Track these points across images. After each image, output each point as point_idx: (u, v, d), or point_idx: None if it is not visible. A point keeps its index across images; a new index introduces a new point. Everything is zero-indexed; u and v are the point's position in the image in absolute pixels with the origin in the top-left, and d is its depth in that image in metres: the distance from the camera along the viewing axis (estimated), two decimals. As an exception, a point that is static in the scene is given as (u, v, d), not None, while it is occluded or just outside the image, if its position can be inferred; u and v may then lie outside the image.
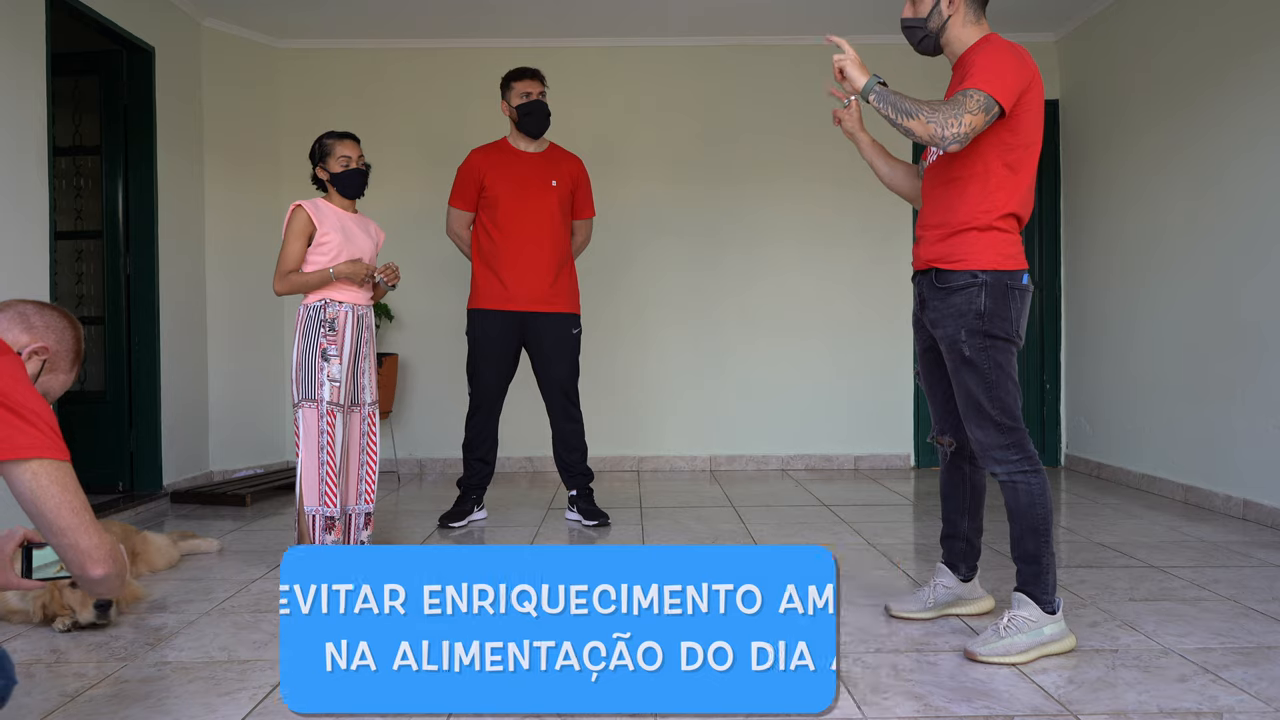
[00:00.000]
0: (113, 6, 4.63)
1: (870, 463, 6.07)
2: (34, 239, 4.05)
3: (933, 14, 2.54)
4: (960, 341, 2.48)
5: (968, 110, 2.34)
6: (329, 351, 3.43)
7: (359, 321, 3.54)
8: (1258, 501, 4.20)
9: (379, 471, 3.67)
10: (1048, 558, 2.50)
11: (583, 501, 4.33)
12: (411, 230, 6.05)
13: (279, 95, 6.01)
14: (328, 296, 3.47)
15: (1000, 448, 2.49)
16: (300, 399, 3.43)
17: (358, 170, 3.56)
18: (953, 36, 2.55)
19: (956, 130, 2.33)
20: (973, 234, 2.48)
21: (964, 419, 2.55)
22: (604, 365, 5.81)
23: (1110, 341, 5.46)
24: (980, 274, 2.46)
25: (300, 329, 3.47)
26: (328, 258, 3.47)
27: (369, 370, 3.61)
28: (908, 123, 2.36)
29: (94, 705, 2.21)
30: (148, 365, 5.01)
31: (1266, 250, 4.15)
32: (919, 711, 2.12)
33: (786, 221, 6.05)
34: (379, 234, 3.72)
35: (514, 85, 4.20)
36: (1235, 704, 2.15)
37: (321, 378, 3.42)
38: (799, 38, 6.00)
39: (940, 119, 2.34)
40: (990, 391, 2.48)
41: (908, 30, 2.59)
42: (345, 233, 3.51)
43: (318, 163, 3.58)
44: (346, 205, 3.60)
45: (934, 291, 2.55)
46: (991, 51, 2.44)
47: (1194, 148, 4.66)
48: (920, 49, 2.62)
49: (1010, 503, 2.51)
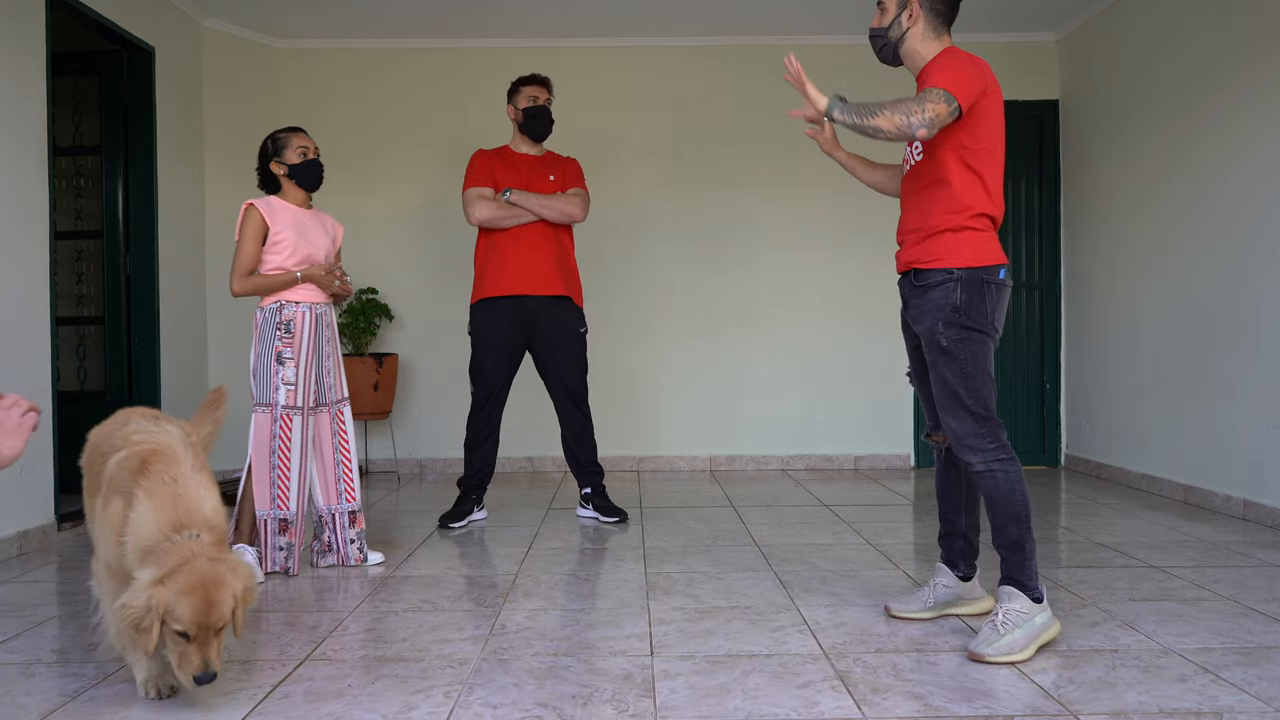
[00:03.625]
0: (113, 6, 4.64)
1: (870, 463, 6.07)
2: (34, 239, 4.05)
3: (893, 25, 2.67)
4: (938, 333, 2.57)
5: (929, 100, 2.43)
6: (284, 355, 3.40)
7: (318, 320, 3.51)
8: (1258, 501, 4.20)
9: (357, 467, 3.62)
10: (1030, 544, 2.55)
11: (598, 499, 4.39)
12: (411, 230, 6.06)
13: (279, 95, 6.01)
14: (283, 298, 3.44)
15: (976, 436, 2.55)
16: (256, 402, 3.40)
17: (316, 161, 3.52)
18: (912, 49, 2.66)
19: (921, 117, 2.41)
20: (947, 235, 2.58)
21: (940, 409, 2.62)
22: (604, 365, 5.81)
23: (1110, 342, 5.46)
24: (956, 271, 2.55)
25: (257, 332, 3.43)
26: (282, 256, 3.43)
27: (334, 368, 3.57)
28: (874, 121, 2.44)
29: (94, 705, 2.21)
30: (148, 365, 5.01)
31: (1267, 251, 4.15)
32: (919, 711, 2.12)
33: (786, 222, 6.05)
34: (337, 228, 3.67)
35: (521, 90, 4.31)
36: (1235, 704, 2.15)
37: (276, 381, 3.38)
38: (799, 38, 6.00)
39: (904, 109, 2.42)
40: (966, 381, 2.55)
41: (872, 39, 2.74)
42: (300, 230, 3.47)
43: (271, 157, 3.51)
44: (301, 200, 3.54)
45: (913, 290, 2.66)
46: (947, 59, 2.56)
47: (1195, 148, 4.66)
48: (881, 58, 2.75)
49: (990, 492, 2.56)
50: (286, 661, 2.49)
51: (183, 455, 2.20)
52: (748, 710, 2.12)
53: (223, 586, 2.02)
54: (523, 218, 4.21)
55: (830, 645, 2.57)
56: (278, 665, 2.46)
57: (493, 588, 3.22)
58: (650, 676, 2.34)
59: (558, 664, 2.44)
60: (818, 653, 2.51)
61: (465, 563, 3.61)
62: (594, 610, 2.94)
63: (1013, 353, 6.05)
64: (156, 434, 2.26)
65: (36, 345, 4.03)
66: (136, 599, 1.97)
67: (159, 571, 1.99)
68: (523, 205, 4.20)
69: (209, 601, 2.00)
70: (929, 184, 2.63)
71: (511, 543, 3.95)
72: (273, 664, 2.47)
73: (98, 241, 5.09)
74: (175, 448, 2.21)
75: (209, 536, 2.08)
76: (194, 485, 2.14)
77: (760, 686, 2.27)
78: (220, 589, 2.02)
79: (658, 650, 2.54)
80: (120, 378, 5.00)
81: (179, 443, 2.24)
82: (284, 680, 2.35)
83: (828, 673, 2.36)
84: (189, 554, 2.02)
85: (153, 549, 2.03)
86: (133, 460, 2.15)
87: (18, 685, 2.35)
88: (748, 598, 3.05)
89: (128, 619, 1.97)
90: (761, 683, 2.29)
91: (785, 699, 2.19)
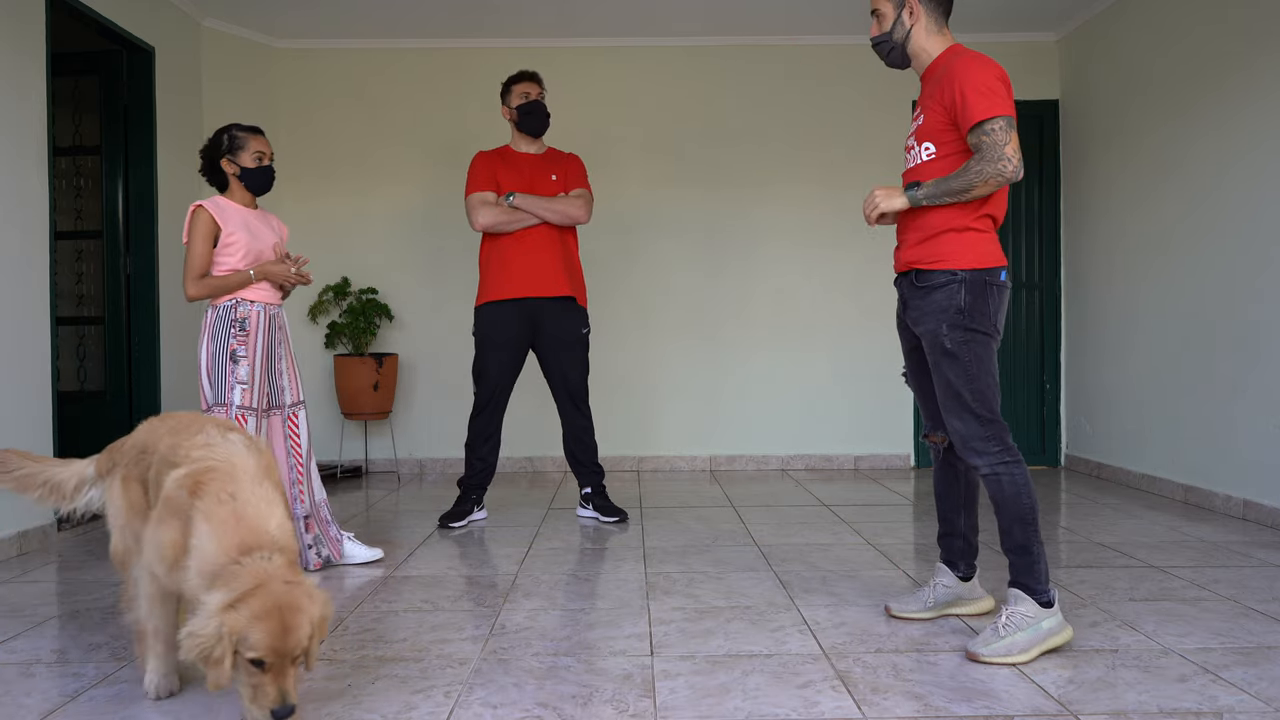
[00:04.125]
0: (113, 6, 4.64)
1: (870, 463, 6.07)
2: (34, 239, 4.05)
3: (895, 26, 2.68)
4: (942, 335, 2.56)
5: (998, 142, 2.45)
6: (238, 353, 3.35)
7: (271, 321, 3.47)
8: (1258, 501, 4.20)
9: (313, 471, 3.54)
10: (1037, 547, 2.52)
11: (599, 498, 4.40)
12: (411, 230, 6.05)
13: (278, 95, 6.01)
14: (239, 296, 3.40)
15: (980, 439, 2.54)
16: (212, 403, 3.33)
17: (270, 168, 3.48)
18: (918, 47, 2.68)
19: (1009, 164, 2.45)
20: (950, 235, 2.57)
21: (944, 411, 2.60)
22: (604, 365, 5.81)
23: (1111, 341, 5.46)
24: (960, 272, 2.55)
25: (208, 330, 3.37)
26: (236, 258, 3.39)
27: (288, 371, 3.53)
28: (970, 195, 2.50)
29: (94, 705, 2.21)
30: (148, 365, 5.01)
31: (1266, 251, 4.16)
32: (919, 711, 2.12)
33: (786, 221, 6.05)
34: (282, 228, 3.63)
35: (513, 88, 4.31)
36: (1235, 704, 2.15)
37: (231, 381, 3.33)
38: (799, 38, 6.00)
39: (992, 168, 2.45)
40: (971, 384, 2.54)
41: (876, 47, 2.76)
42: (250, 230, 3.43)
43: (224, 154, 3.45)
44: (248, 201, 3.50)
45: (914, 291, 2.64)
46: (974, 74, 2.51)
47: (1194, 148, 4.66)
48: (890, 63, 2.76)
49: (995, 495, 2.54)
50: (286, 661, 2.48)
51: (243, 469, 2.02)
52: (748, 710, 2.12)
53: (299, 611, 1.84)
54: (526, 221, 4.21)
55: (830, 645, 2.57)
56: (278, 665, 2.45)
57: (493, 588, 3.22)
58: (650, 676, 2.34)
59: (558, 664, 2.44)
60: (818, 653, 2.51)
61: (465, 563, 3.61)
62: (594, 610, 2.94)
63: (1013, 353, 6.05)
64: (219, 447, 2.08)
65: (36, 345, 4.03)
66: (206, 626, 1.78)
67: (230, 595, 1.81)
68: (526, 209, 4.19)
69: (285, 627, 1.81)
70: None
71: (511, 543, 3.95)
72: (273, 664, 2.47)
73: (98, 241, 5.09)
74: (235, 461, 2.03)
75: (280, 559, 1.91)
76: (255, 501, 1.97)
77: (760, 686, 2.27)
78: (297, 614, 1.83)
79: (658, 650, 2.54)
80: (120, 378, 5.00)
81: (241, 455, 2.06)
82: (284, 680, 2.35)
83: (828, 673, 2.36)
84: (262, 576, 1.84)
85: (220, 572, 1.86)
86: (188, 480, 2.00)
87: (18, 685, 2.35)
88: (748, 598, 3.05)
89: (196, 648, 1.77)
90: (761, 683, 2.29)
91: (785, 699, 2.19)
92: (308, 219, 5.98)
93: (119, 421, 4.97)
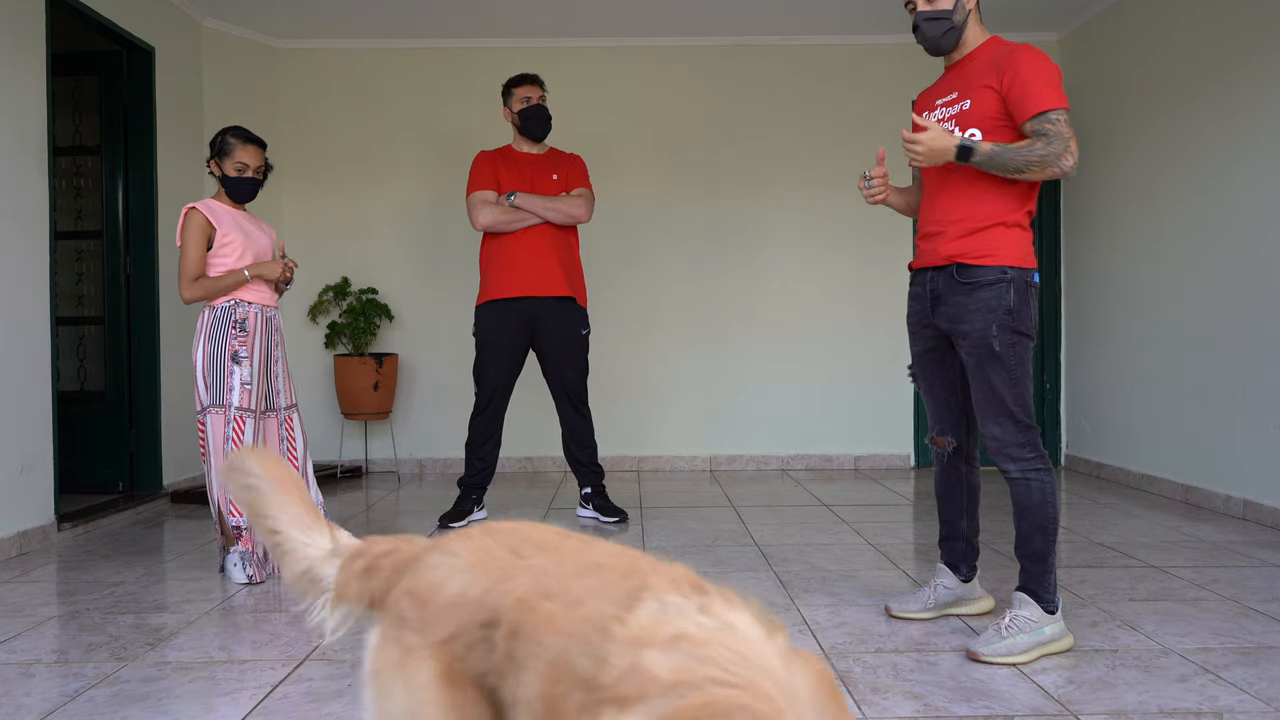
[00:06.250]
0: (113, 6, 4.64)
1: (870, 463, 6.07)
2: (34, 239, 4.05)
3: (957, 7, 2.56)
4: (991, 337, 2.46)
5: (1063, 135, 2.38)
6: (240, 354, 3.34)
7: (268, 324, 3.47)
8: (1258, 501, 4.20)
9: (309, 474, 3.52)
10: (1052, 557, 2.51)
11: (598, 498, 4.40)
12: (411, 230, 6.06)
13: (279, 95, 6.01)
14: (237, 297, 3.40)
15: (1017, 445, 2.49)
16: (208, 404, 3.31)
17: (251, 180, 3.47)
18: (969, 34, 2.61)
19: (1072, 157, 2.39)
20: (1000, 229, 2.49)
21: (981, 415, 2.53)
22: (604, 365, 5.81)
23: (1110, 341, 5.46)
24: (1009, 270, 2.47)
25: (205, 331, 3.36)
26: (233, 258, 3.39)
27: (282, 373, 3.52)
28: (1022, 174, 2.41)
29: (94, 705, 2.21)
30: (148, 365, 5.01)
31: (1266, 250, 4.15)
32: (919, 711, 2.12)
33: (786, 222, 6.05)
34: (271, 231, 3.64)
35: (514, 91, 4.30)
36: (1235, 704, 2.15)
37: (232, 381, 3.31)
38: (799, 38, 6.00)
39: (1053, 160, 2.37)
40: (1015, 388, 2.48)
41: (931, 22, 2.54)
42: (244, 231, 3.44)
43: (213, 156, 3.48)
44: (234, 203, 3.53)
45: (956, 287, 2.52)
46: (1040, 63, 2.45)
47: (1194, 148, 4.66)
48: (943, 42, 2.57)
49: (1022, 500, 2.50)
50: (286, 661, 2.49)
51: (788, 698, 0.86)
52: (748, 710, 2.12)
53: None
54: (527, 221, 4.21)
55: (830, 645, 2.57)
56: (278, 665, 2.46)
57: (493, 588, 3.21)
58: (650, 676, 2.33)
59: (558, 664, 2.44)
60: (818, 653, 2.51)
61: (465, 563, 3.60)
62: (594, 610, 2.93)
63: (1013, 353, 6.04)
64: (714, 643, 0.89)
65: (36, 345, 4.03)
66: None
67: None
68: (527, 209, 4.19)
69: None
70: (979, 174, 2.50)
71: (511, 543, 3.94)
72: (273, 664, 2.47)
73: (98, 241, 5.09)
74: (764, 686, 0.86)
75: None
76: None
77: (760, 686, 2.26)
78: None
79: (658, 650, 2.53)
80: (120, 378, 5.00)
81: (772, 662, 0.89)
82: (284, 680, 2.35)
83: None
84: None
85: None
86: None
87: (18, 685, 2.35)
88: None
89: None
90: (761, 683, 2.29)
91: (785, 699, 2.18)
92: (308, 218, 5.99)
93: (119, 421, 4.97)
